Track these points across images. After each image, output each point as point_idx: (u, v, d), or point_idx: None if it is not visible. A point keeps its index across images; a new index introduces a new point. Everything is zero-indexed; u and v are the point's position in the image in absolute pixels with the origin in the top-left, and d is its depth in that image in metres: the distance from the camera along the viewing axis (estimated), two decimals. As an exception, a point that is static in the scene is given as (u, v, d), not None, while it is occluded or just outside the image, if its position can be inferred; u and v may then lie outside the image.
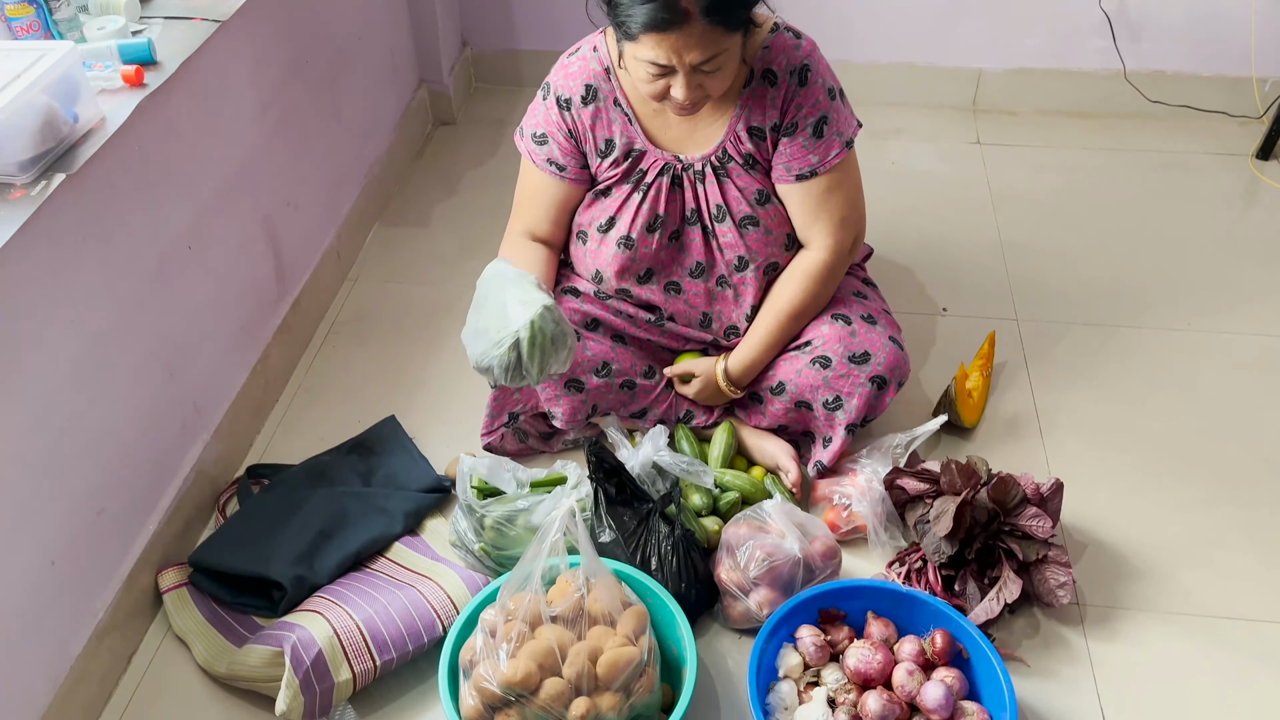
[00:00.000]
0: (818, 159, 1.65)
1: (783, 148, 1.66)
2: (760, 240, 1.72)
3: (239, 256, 1.92)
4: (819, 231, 1.71)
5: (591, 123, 1.68)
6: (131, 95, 1.55)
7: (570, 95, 1.67)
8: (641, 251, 1.74)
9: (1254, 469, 1.88)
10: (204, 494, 1.81)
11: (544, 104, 1.70)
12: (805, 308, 1.75)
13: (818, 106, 1.63)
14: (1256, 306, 2.23)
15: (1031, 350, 2.14)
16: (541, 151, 1.72)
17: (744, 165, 1.68)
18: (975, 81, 2.87)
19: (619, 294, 1.81)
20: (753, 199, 1.69)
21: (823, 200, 1.68)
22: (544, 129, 1.71)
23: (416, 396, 2.06)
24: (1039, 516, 1.62)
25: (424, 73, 2.84)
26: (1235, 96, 2.77)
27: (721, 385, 1.79)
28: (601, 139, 1.68)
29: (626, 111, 1.67)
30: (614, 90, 1.66)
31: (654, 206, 1.71)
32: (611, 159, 1.69)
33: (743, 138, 1.66)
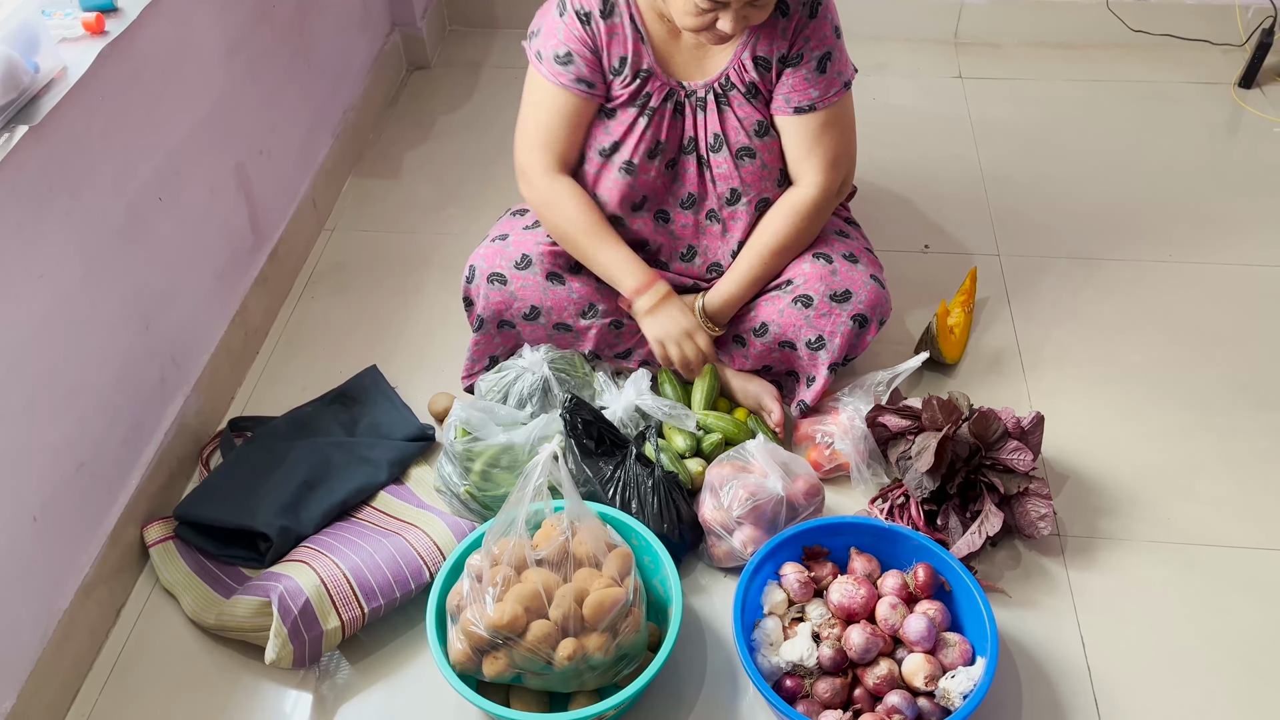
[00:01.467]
0: (818, 94, 1.65)
1: (785, 78, 1.65)
2: (755, 173, 1.71)
3: (212, 206, 1.89)
4: (810, 168, 1.71)
5: (608, 38, 1.64)
6: (93, 43, 1.51)
7: (590, 8, 1.63)
8: (641, 179, 1.72)
9: (1233, 398, 1.89)
10: (187, 447, 1.80)
11: (562, 20, 1.64)
12: (789, 244, 1.74)
13: (824, 41, 1.63)
14: (1237, 237, 2.23)
15: (1014, 285, 2.14)
16: (568, 71, 1.65)
17: (746, 94, 1.67)
18: (957, 14, 2.83)
19: (612, 220, 1.77)
20: (752, 129, 1.68)
21: (817, 136, 1.68)
22: (568, 46, 1.65)
23: (397, 345, 2.05)
24: (1020, 450, 1.63)
25: (396, 16, 2.78)
26: (1218, 24, 2.74)
27: (699, 321, 1.78)
28: (616, 56, 1.65)
29: (640, 30, 1.64)
30: (630, 6, 1.63)
31: (656, 132, 1.69)
32: (622, 78, 1.66)
33: (748, 66, 1.65)
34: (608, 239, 1.72)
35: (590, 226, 1.71)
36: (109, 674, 1.55)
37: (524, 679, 1.41)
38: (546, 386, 1.74)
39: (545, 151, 1.72)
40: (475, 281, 1.76)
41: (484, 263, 1.75)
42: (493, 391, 1.75)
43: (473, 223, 2.29)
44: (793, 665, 1.45)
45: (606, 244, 1.71)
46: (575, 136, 1.72)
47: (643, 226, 1.79)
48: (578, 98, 1.67)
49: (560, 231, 1.73)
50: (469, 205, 2.38)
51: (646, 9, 1.64)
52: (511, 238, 1.79)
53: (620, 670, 1.43)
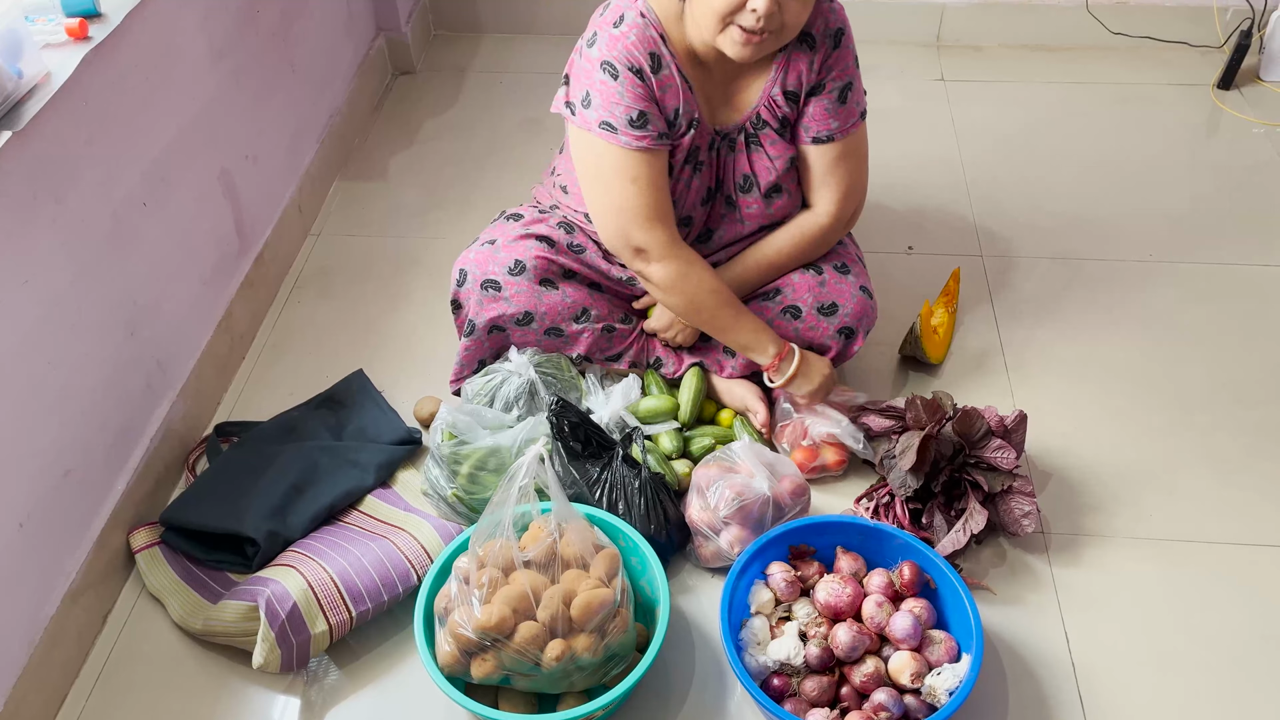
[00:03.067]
0: (837, 125, 1.66)
1: (808, 107, 1.66)
2: (785, 206, 1.74)
3: (197, 211, 1.89)
4: (824, 197, 1.73)
5: (662, 92, 1.58)
6: (77, 48, 1.51)
7: (640, 65, 1.56)
8: (697, 226, 1.74)
9: (1213, 395, 1.91)
10: (173, 453, 1.80)
11: (619, 83, 1.56)
12: (786, 262, 1.76)
13: (846, 72, 1.65)
14: (1217, 236, 2.25)
15: (996, 285, 2.16)
16: (649, 131, 1.57)
17: (779, 129, 1.66)
18: (939, 17, 2.85)
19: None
20: (783, 168, 1.69)
21: (833, 166, 1.70)
22: (638, 107, 1.56)
23: (384, 349, 2.05)
24: (1003, 448, 1.65)
25: (381, 21, 2.78)
26: (1196, 26, 2.77)
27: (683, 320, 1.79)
28: (671, 108, 1.60)
29: (688, 80, 1.60)
30: (674, 58, 1.59)
31: (706, 182, 1.69)
32: (676, 129, 1.62)
33: (779, 101, 1.65)
34: (743, 308, 1.70)
35: (730, 298, 1.68)
36: (96, 680, 1.55)
37: (512, 680, 1.41)
38: (533, 389, 1.75)
39: (663, 224, 1.62)
40: (466, 286, 1.76)
41: (476, 268, 1.75)
42: (479, 395, 1.75)
43: (459, 226, 2.30)
44: (780, 664, 1.46)
45: (744, 313, 1.70)
46: (670, 194, 1.65)
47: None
48: (663, 154, 1.61)
49: (697, 304, 1.67)
50: (455, 209, 2.39)
51: (683, 56, 1.60)
52: (500, 243, 1.78)
53: (608, 671, 1.44)
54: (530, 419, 1.68)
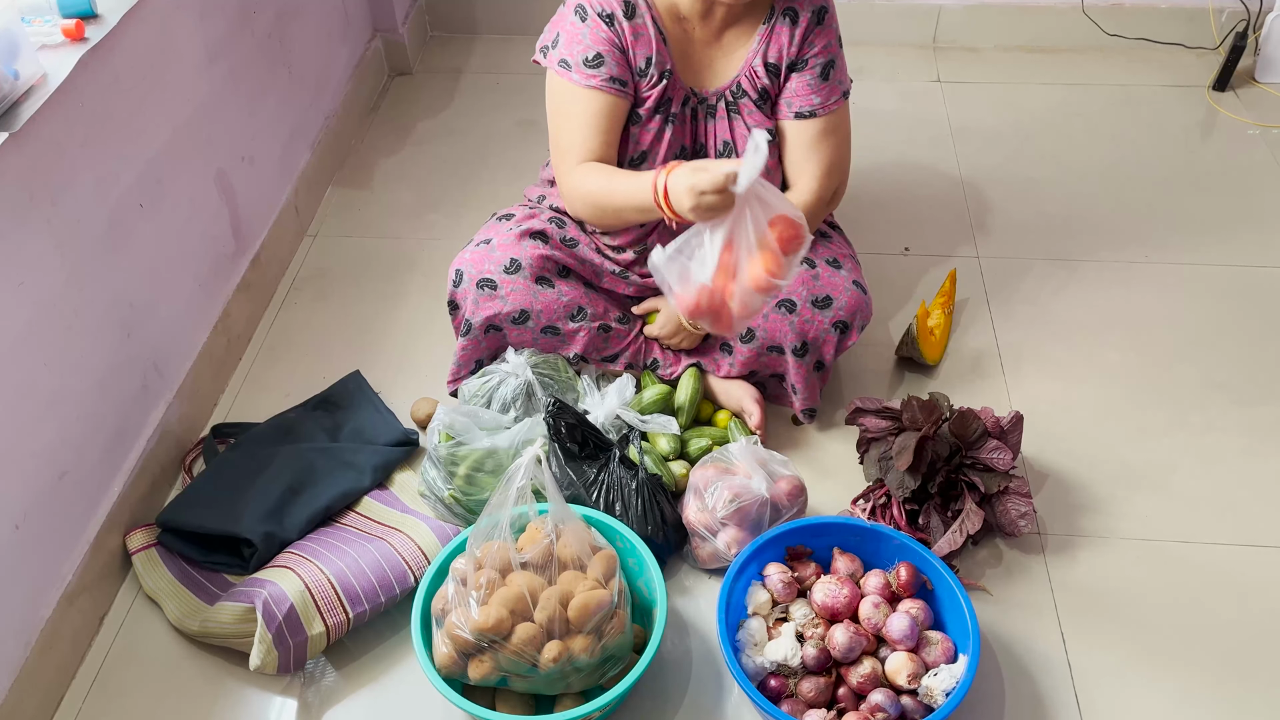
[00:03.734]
0: (819, 100, 1.67)
1: (790, 83, 1.67)
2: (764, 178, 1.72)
3: (193, 213, 1.89)
4: (805, 173, 1.72)
5: (633, 39, 1.62)
6: (73, 50, 1.51)
7: (612, 9, 1.61)
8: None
9: (1208, 396, 1.92)
10: (169, 454, 1.80)
11: (585, 25, 1.62)
12: None
13: (829, 49, 1.66)
14: (1212, 237, 2.26)
15: (993, 286, 2.16)
16: (601, 72, 1.62)
17: (757, 101, 1.68)
18: (935, 19, 2.86)
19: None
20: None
21: (815, 143, 1.70)
22: (597, 48, 1.61)
23: (380, 350, 2.05)
24: (1000, 449, 1.65)
25: (378, 22, 2.78)
26: (1192, 27, 2.77)
27: (683, 319, 1.79)
28: (642, 57, 1.64)
29: (661, 31, 1.63)
30: (650, 8, 1.62)
31: (680, 138, 1.70)
32: (648, 79, 1.65)
33: (759, 72, 1.66)
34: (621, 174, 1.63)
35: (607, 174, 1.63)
36: (92, 682, 1.54)
37: (509, 682, 1.41)
38: (530, 390, 1.75)
39: (581, 154, 1.66)
40: (463, 286, 1.76)
41: (472, 268, 1.75)
42: (476, 396, 1.75)
43: (455, 228, 2.30)
44: (777, 665, 1.46)
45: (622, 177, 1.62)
46: (612, 137, 1.67)
47: (652, 232, 1.79)
48: (613, 97, 1.64)
49: (591, 201, 1.66)
50: (451, 211, 2.39)
51: (664, 10, 1.64)
52: (495, 241, 1.79)
53: (606, 672, 1.44)
54: (527, 420, 1.68)
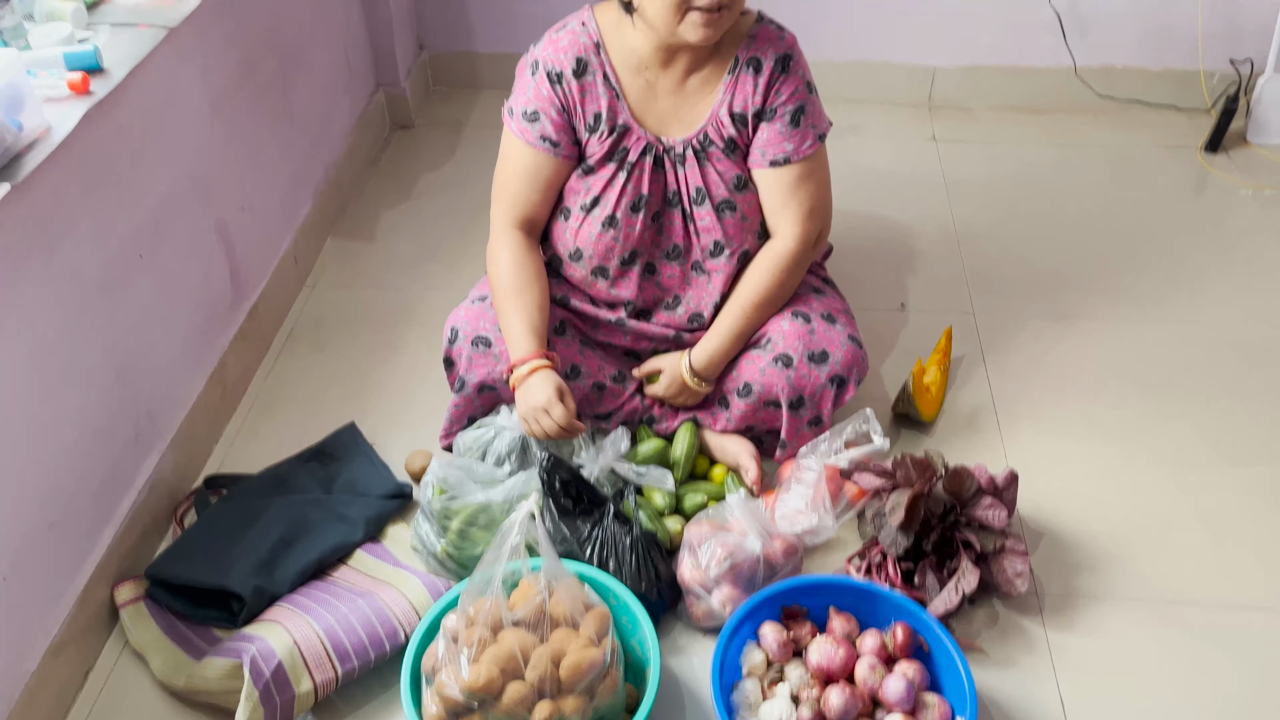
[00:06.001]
0: (792, 147, 1.69)
1: (761, 132, 1.69)
2: (736, 226, 1.74)
3: (192, 262, 1.89)
4: (787, 219, 1.74)
5: (581, 96, 1.67)
6: (78, 103, 1.53)
7: (561, 69, 1.67)
8: (626, 232, 1.74)
9: (1204, 454, 1.92)
10: (161, 505, 1.79)
11: (533, 80, 1.68)
12: (770, 297, 1.76)
13: (796, 96, 1.68)
14: (1206, 296, 2.27)
15: (989, 343, 2.17)
16: (534, 129, 1.69)
17: (725, 149, 1.70)
18: (930, 79, 2.90)
19: (595, 273, 1.79)
20: (731, 184, 1.72)
21: (793, 189, 1.71)
22: (535, 105, 1.68)
23: (376, 402, 2.05)
24: (995, 507, 1.64)
25: (380, 76, 2.82)
26: (1183, 90, 2.81)
27: (687, 379, 1.79)
28: (591, 113, 1.68)
29: (615, 87, 1.67)
30: (603, 64, 1.67)
31: (637, 186, 1.72)
32: (598, 134, 1.69)
33: (725, 122, 1.68)
34: (521, 305, 1.68)
35: (510, 288, 1.70)
36: (75, 738, 1.52)
37: (499, 742, 1.39)
38: (525, 444, 1.74)
39: (508, 205, 1.75)
40: (458, 344, 1.76)
41: (467, 325, 1.76)
42: (471, 449, 1.74)
43: (453, 280, 2.31)
44: (771, 727, 1.44)
45: (518, 310, 1.68)
46: (537, 194, 1.74)
47: (629, 279, 1.80)
48: (541, 155, 1.71)
49: (492, 284, 1.74)
50: (450, 263, 2.40)
51: (621, 65, 1.68)
52: (490, 299, 1.80)
53: (597, 733, 1.41)
54: (522, 474, 1.68)
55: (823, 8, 2.79)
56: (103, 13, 1.76)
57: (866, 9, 2.80)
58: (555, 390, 1.62)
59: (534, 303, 1.70)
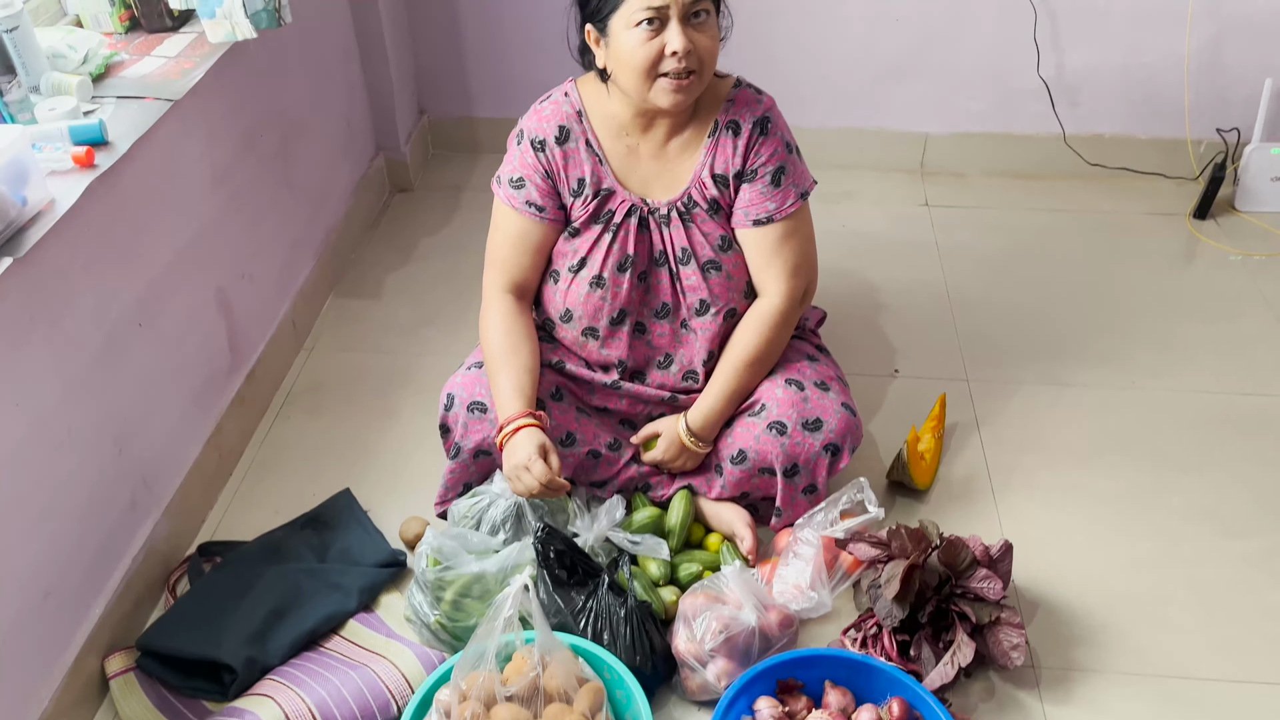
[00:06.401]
0: (775, 206, 1.72)
1: (743, 193, 1.73)
2: (722, 285, 1.77)
3: (191, 329, 1.91)
4: (773, 277, 1.76)
5: (564, 162, 1.72)
6: (82, 176, 1.55)
7: (544, 136, 1.72)
8: (614, 291, 1.77)
9: (1199, 526, 1.92)
10: (154, 573, 1.78)
11: (519, 148, 1.74)
12: (761, 354, 1.78)
13: (776, 156, 1.71)
14: (1197, 364, 2.29)
15: (982, 410, 2.18)
16: (520, 195, 1.74)
17: (709, 211, 1.73)
18: (922, 145, 2.95)
19: (586, 333, 1.82)
20: (716, 244, 1.75)
21: (777, 247, 1.74)
22: (520, 172, 1.74)
23: (372, 467, 2.05)
24: (989, 578, 1.64)
25: (381, 141, 2.86)
26: (1171, 158, 2.86)
27: (685, 440, 1.80)
28: (574, 178, 1.73)
29: (597, 152, 1.72)
30: (585, 131, 1.72)
31: (624, 246, 1.75)
32: (582, 198, 1.73)
33: (708, 184, 1.72)
34: (509, 368, 1.71)
35: (499, 351, 1.73)
36: (61, 814, 1.50)
37: (491, 821, 1.37)
38: (520, 512, 1.74)
39: (499, 271, 1.79)
40: (454, 410, 1.78)
41: (463, 391, 1.77)
42: (466, 518, 1.74)
43: (451, 344, 2.32)
44: (766, 805, 1.42)
45: (506, 372, 1.71)
46: (527, 258, 1.78)
47: (620, 339, 1.82)
48: (528, 220, 1.75)
49: (483, 348, 1.78)
50: (447, 326, 2.41)
51: (603, 131, 1.72)
52: (485, 365, 1.82)
53: (590, 811, 1.40)
54: (516, 544, 1.68)
55: (818, 76, 2.85)
56: (109, 85, 1.79)
57: (860, 77, 2.85)
58: (538, 448, 1.64)
59: (522, 365, 1.72)
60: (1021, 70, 2.77)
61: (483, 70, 2.97)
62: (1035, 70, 2.76)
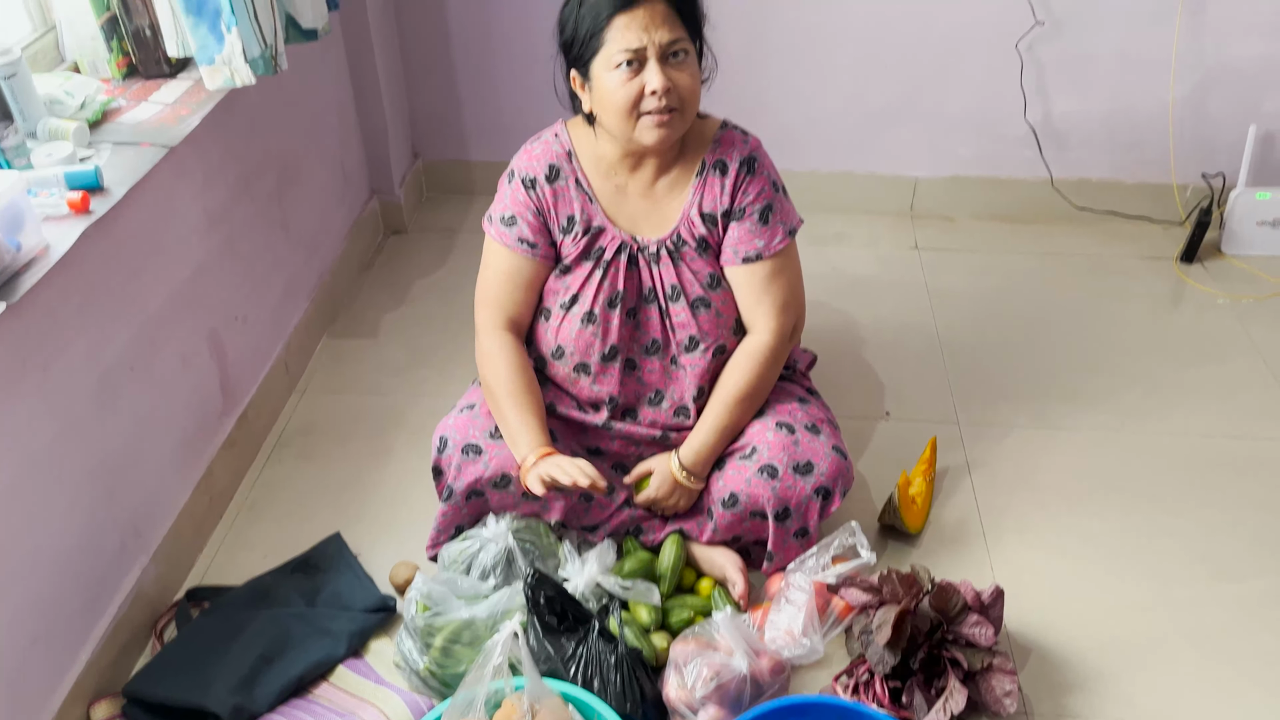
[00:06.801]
0: (763, 244, 1.74)
1: (731, 231, 1.75)
2: (711, 321, 1.79)
3: (183, 373, 1.91)
4: (762, 314, 1.78)
5: (555, 200, 1.75)
6: (77, 222, 1.56)
7: (535, 175, 1.75)
8: (604, 327, 1.78)
9: (1191, 569, 1.92)
10: (142, 617, 1.77)
11: (510, 187, 1.78)
12: (752, 391, 1.80)
13: (763, 195, 1.74)
14: (1186, 407, 2.30)
15: (973, 453, 2.18)
16: (512, 232, 1.77)
17: (697, 249, 1.76)
18: (912, 189, 2.98)
19: (578, 369, 1.83)
20: (705, 281, 1.77)
21: (766, 284, 1.76)
22: (512, 210, 1.77)
23: (363, 510, 2.04)
24: (981, 624, 1.64)
25: (375, 184, 2.88)
26: (1158, 202, 2.89)
27: (678, 476, 1.80)
28: (564, 216, 1.76)
29: (587, 190, 1.75)
30: (575, 170, 1.75)
31: (614, 283, 1.77)
32: (573, 235, 1.76)
33: (696, 222, 1.74)
34: (529, 404, 1.74)
35: (513, 389, 1.75)
36: None
37: None
38: (510, 557, 1.74)
39: (493, 308, 1.81)
40: (447, 452, 1.78)
41: (456, 434, 1.78)
42: (456, 562, 1.74)
43: (444, 385, 2.33)
44: None
45: (527, 408, 1.74)
46: (521, 295, 1.80)
47: (612, 374, 1.83)
48: (521, 257, 1.77)
49: (488, 385, 1.78)
50: (440, 367, 2.42)
51: (592, 170, 1.76)
52: (479, 407, 1.82)
53: None
54: (506, 590, 1.67)
55: (809, 121, 2.88)
56: (105, 131, 1.81)
57: (851, 122, 2.88)
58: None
59: (537, 401, 1.76)
60: (1009, 116, 2.81)
61: (477, 114, 3.00)
62: (1023, 116, 2.80)
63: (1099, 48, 2.69)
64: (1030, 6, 2.63)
